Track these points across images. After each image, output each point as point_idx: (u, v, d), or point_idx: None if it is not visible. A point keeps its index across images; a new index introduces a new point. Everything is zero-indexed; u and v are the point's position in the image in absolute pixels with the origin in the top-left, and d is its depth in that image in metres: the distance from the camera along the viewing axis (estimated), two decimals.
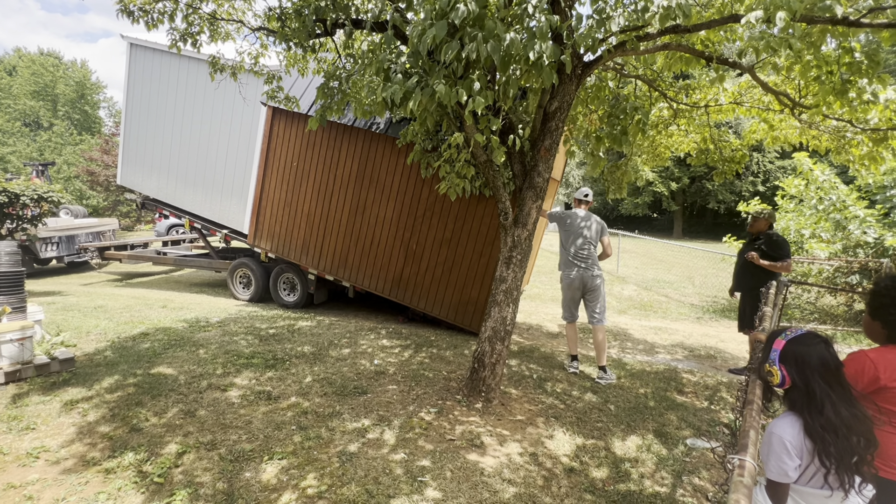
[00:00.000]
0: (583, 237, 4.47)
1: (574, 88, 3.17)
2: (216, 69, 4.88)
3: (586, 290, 4.52)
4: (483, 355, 3.65)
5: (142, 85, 8.36)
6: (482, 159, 3.09)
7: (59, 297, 7.62)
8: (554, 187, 8.42)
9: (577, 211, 4.60)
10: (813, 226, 7.66)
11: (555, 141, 3.23)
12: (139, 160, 8.69)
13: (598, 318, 4.52)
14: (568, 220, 4.54)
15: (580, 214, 4.55)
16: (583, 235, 4.47)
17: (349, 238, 6.46)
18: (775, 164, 25.58)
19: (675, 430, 3.48)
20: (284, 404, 3.58)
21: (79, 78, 33.80)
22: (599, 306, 4.52)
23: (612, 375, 4.46)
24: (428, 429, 3.28)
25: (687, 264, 12.99)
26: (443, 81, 2.63)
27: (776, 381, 1.47)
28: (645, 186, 26.61)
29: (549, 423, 3.46)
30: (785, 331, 1.53)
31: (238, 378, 4.03)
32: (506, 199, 3.31)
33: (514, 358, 5.04)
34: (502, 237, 3.52)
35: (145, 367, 4.14)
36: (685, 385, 4.51)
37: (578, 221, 4.50)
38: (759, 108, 4.80)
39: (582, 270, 4.47)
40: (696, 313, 8.09)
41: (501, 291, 3.56)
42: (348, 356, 4.79)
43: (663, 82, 5.12)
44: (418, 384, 4.10)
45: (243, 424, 3.24)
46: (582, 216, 4.54)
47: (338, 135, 6.33)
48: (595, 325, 4.54)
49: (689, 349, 5.89)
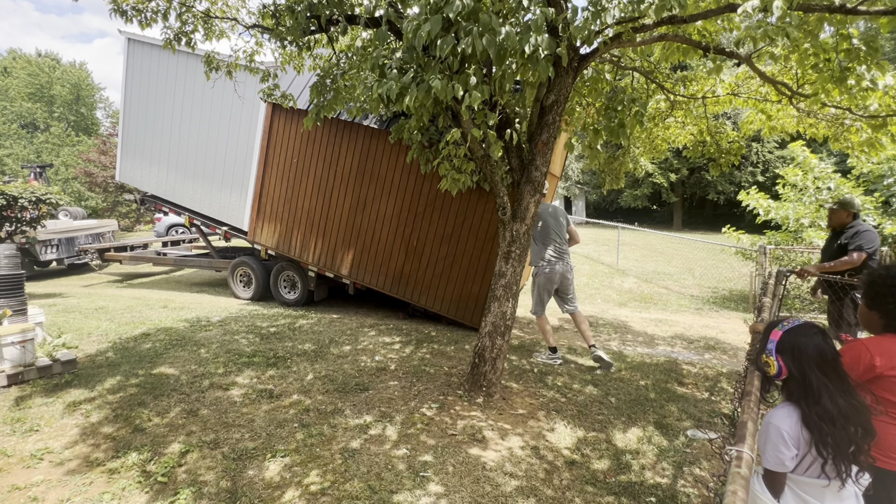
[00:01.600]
0: (556, 231, 4.48)
1: (571, 81, 3.15)
2: (211, 67, 4.86)
3: (563, 282, 4.57)
4: (483, 350, 3.66)
5: (140, 80, 8.31)
6: (479, 154, 3.08)
7: (59, 299, 7.64)
8: (554, 183, 8.40)
9: (544, 205, 4.54)
10: (812, 214, 7.65)
11: (552, 135, 3.22)
12: (138, 156, 8.67)
13: (575, 306, 4.63)
14: (543, 214, 4.51)
15: (548, 209, 4.51)
16: (556, 229, 4.48)
17: (349, 234, 6.46)
18: (774, 154, 25.51)
19: (676, 421, 3.49)
20: (286, 402, 3.60)
21: (76, 80, 33.67)
22: (572, 293, 4.63)
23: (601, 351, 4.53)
24: (430, 424, 3.29)
25: (687, 256, 13.00)
26: (438, 77, 2.62)
27: (773, 371, 1.47)
28: (644, 178, 26.56)
29: (550, 416, 3.48)
30: (782, 321, 1.53)
31: (239, 377, 4.05)
32: (504, 193, 3.31)
33: (514, 353, 5.05)
34: (501, 232, 3.52)
35: (147, 368, 4.16)
36: (685, 376, 4.52)
37: (549, 214, 4.48)
38: (757, 98, 4.78)
39: (563, 265, 4.50)
40: (696, 304, 8.10)
41: (501, 286, 3.57)
42: (349, 353, 4.80)
43: (660, 74, 5.10)
44: (419, 380, 4.11)
45: (246, 423, 3.26)
46: (550, 210, 4.51)
47: (338, 131, 6.31)
48: (574, 312, 4.62)
49: (689, 340, 5.90)
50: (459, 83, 2.63)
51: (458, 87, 2.63)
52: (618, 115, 3.31)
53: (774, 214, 7.85)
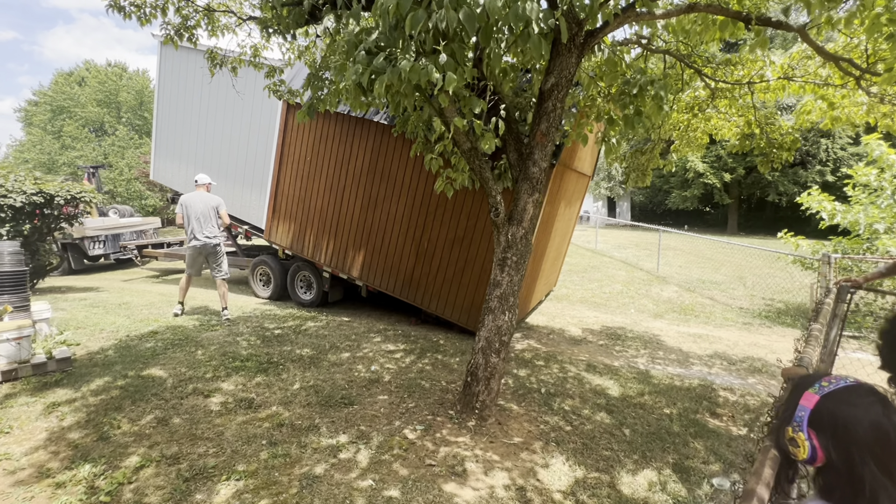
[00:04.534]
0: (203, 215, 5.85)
1: (575, 61, 2.70)
2: (214, 63, 4.77)
3: (210, 255, 5.96)
4: (476, 368, 3.27)
5: (171, 81, 8.54)
6: (466, 147, 2.70)
7: (94, 294, 7.95)
8: (584, 183, 7.79)
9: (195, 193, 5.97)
10: (889, 219, 6.60)
11: (552, 124, 2.78)
12: (169, 156, 8.92)
13: (218, 274, 6.04)
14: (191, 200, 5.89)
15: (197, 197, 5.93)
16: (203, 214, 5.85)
17: (361, 235, 6.24)
18: (847, 151, 23.02)
19: (701, 464, 2.94)
20: (263, 414, 3.37)
21: (140, 86, 36.08)
22: (217, 265, 6.05)
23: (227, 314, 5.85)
24: (408, 450, 2.95)
25: (738, 263, 11.85)
26: (410, 57, 2.27)
27: (803, 454, 1.00)
28: (695, 178, 24.84)
29: (547, 448, 3.03)
30: (820, 379, 1.05)
31: (226, 382, 3.88)
32: (496, 192, 2.90)
33: (524, 367, 4.61)
34: (495, 236, 3.12)
35: (139, 369, 4.08)
36: (721, 405, 3.91)
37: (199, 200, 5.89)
38: (816, 83, 4.07)
39: (207, 242, 5.87)
40: (745, 318, 7.24)
41: (495, 297, 3.16)
42: (346, 361, 4.55)
43: (699, 58, 4.48)
44: (411, 395, 3.78)
45: (214, 436, 3.05)
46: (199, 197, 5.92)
47: (350, 128, 6.11)
48: (217, 280, 6.06)
49: (731, 361, 5.19)
50: (433, 64, 2.27)
51: (433, 68, 2.26)
52: (633, 102, 2.81)
53: (841, 219, 6.86)
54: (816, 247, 7.23)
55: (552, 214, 5.90)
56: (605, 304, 8.07)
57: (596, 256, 13.65)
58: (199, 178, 6.18)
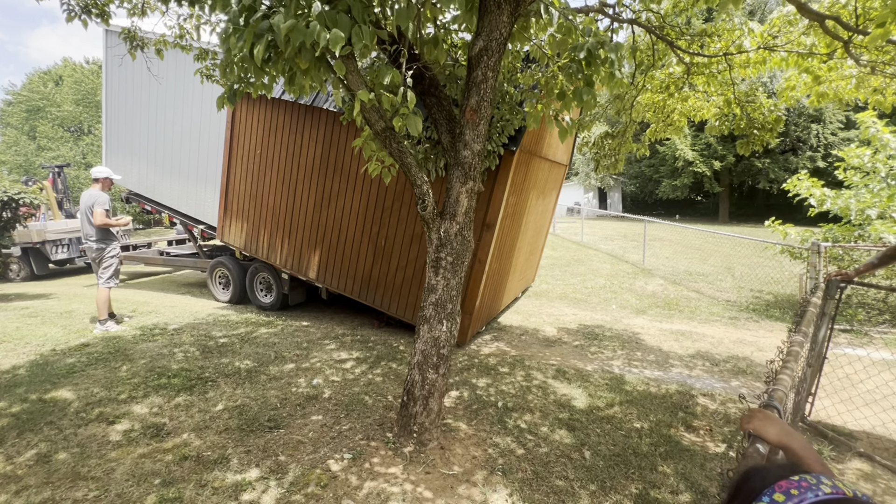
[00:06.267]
0: (83, 215, 5.35)
1: (507, 20, 2.24)
2: (134, 46, 4.26)
3: (93, 260, 5.50)
4: (413, 386, 2.83)
5: (118, 71, 7.96)
6: (379, 127, 2.24)
7: (40, 301, 7.44)
8: (561, 172, 7.35)
9: (86, 192, 5.44)
10: (883, 204, 6.20)
11: (483, 97, 2.32)
12: (120, 152, 8.37)
13: (100, 281, 5.47)
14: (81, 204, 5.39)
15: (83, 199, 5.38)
16: (83, 214, 5.35)
17: (316, 233, 5.77)
18: (838, 136, 22.69)
19: (669, 493, 2.53)
20: (169, 444, 2.92)
21: None
22: (101, 272, 5.47)
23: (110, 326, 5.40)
24: (327, 486, 2.51)
25: (727, 253, 11.48)
26: (285, 12, 1.80)
27: None
28: (684, 167, 24.47)
29: (491, 478, 2.60)
30: (773, 483, 0.62)
31: (140, 405, 3.42)
32: (422, 181, 2.44)
33: (486, 375, 4.18)
34: (426, 234, 2.66)
35: (44, 391, 3.61)
36: (699, 416, 3.50)
37: (83, 202, 5.36)
38: (800, 52, 3.62)
39: (89, 248, 5.45)
40: (732, 312, 6.84)
41: (430, 304, 2.72)
42: (287, 374, 4.10)
43: (672, 30, 4.03)
44: (349, 415, 3.34)
45: (102, 474, 2.60)
46: (85, 197, 5.35)
47: (299, 117, 5.62)
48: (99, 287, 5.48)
49: (714, 361, 4.79)
50: (317, 21, 1.80)
51: (317, 26, 1.80)
52: (582, 69, 2.36)
53: (831, 204, 6.46)
54: (805, 235, 6.83)
55: (521, 207, 5.46)
56: (585, 300, 7.65)
57: (581, 249, 13.24)
58: (93, 172, 5.59)
